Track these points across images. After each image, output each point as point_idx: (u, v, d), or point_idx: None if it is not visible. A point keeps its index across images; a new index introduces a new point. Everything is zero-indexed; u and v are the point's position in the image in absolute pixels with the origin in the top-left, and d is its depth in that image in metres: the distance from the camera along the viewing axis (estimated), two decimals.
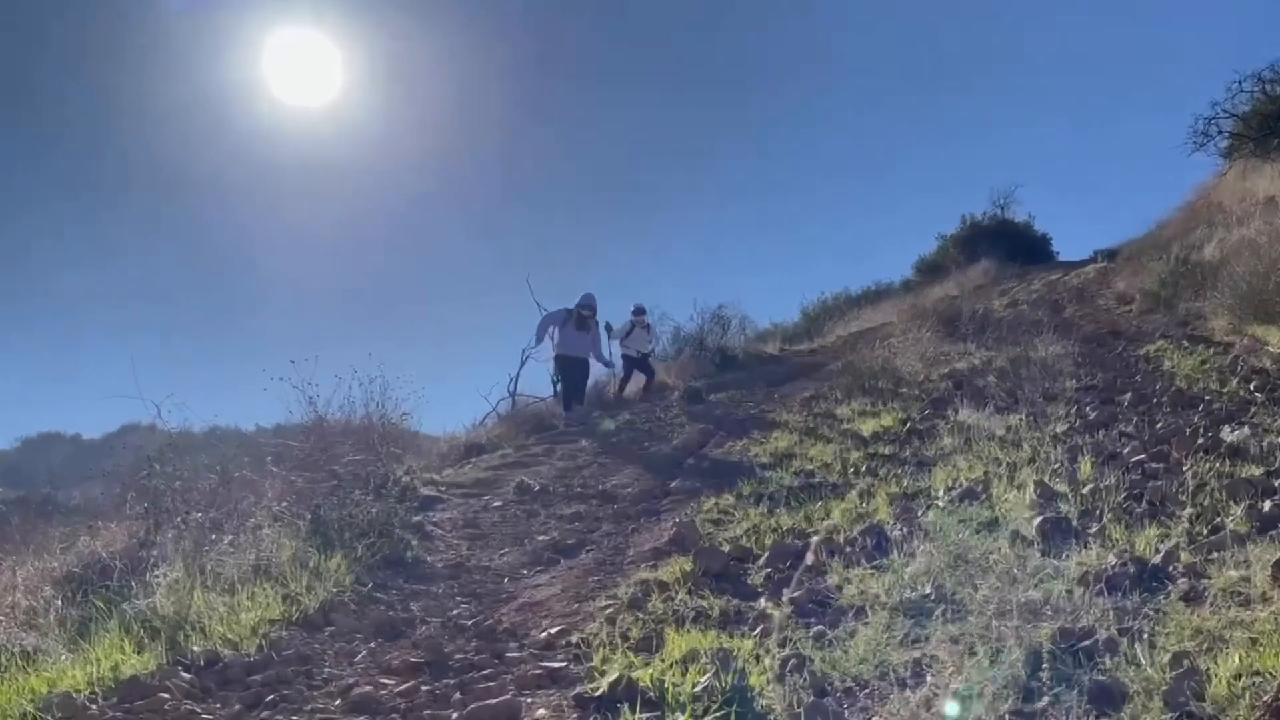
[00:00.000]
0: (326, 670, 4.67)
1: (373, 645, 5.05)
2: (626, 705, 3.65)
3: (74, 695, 4.18)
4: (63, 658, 4.77)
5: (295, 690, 4.37)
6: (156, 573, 5.84)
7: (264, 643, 4.98)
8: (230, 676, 4.54)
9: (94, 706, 4.10)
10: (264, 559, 6.29)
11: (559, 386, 15.67)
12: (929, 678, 3.64)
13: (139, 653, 4.74)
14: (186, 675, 4.48)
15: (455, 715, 3.87)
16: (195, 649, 4.79)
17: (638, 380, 17.06)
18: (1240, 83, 24.84)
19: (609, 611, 5.04)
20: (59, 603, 5.61)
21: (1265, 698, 2.98)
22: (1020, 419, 8.42)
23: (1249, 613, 3.69)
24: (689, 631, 4.48)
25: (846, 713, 3.50)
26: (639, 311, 16.77)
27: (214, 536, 6.45)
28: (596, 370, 16.38)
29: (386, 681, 4.39)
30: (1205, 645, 3.48)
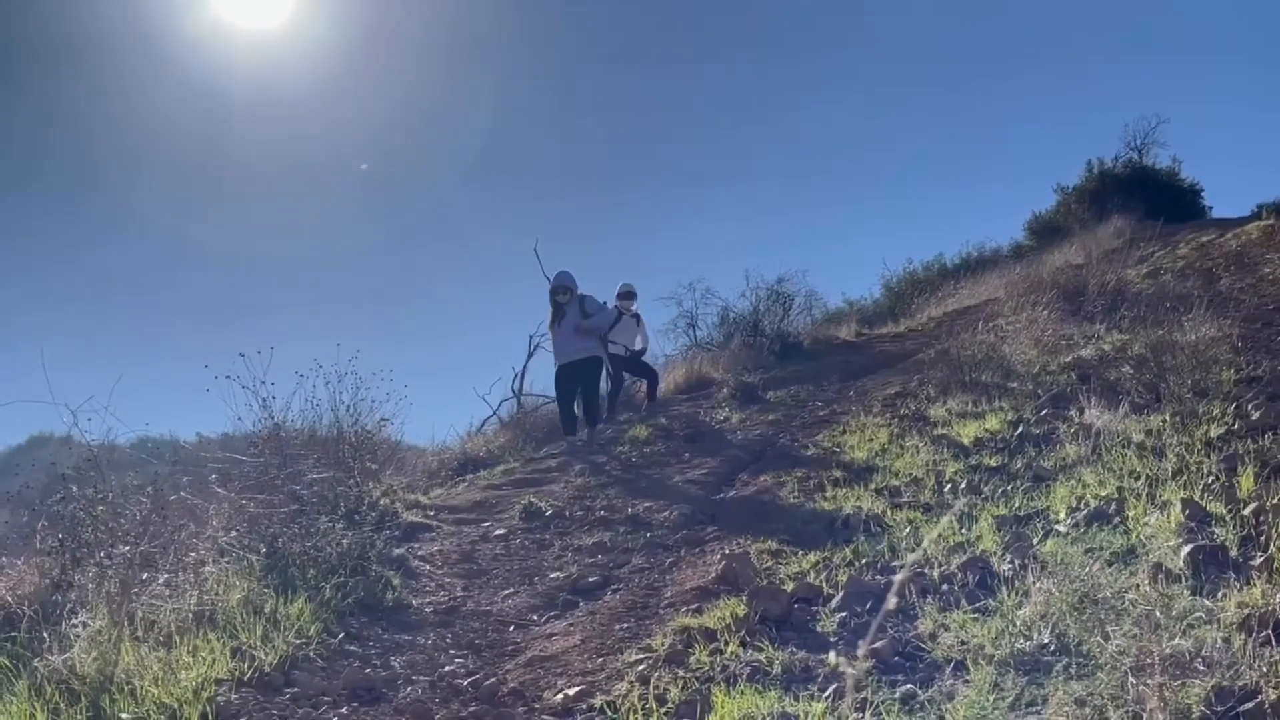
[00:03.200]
0: None
1: (345, 711, 5.09)
2: None
3: None
4: None
5: None
6: (74, 621, 5.89)
7: (209, 708, 5.00)
8: None
9: None
10: (208, 604, 6.34)
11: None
12: None
13: None
14: None
15: None
16: (124, 716, 4.84)
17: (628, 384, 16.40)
18: None
19: (641, 668, 5.05)
20: None
21: None
22: (1163, 420, 8.35)
23: None
24: (742, 692, 4.48)
25: None
26: (626, 295, 15.75)
27: (145, 576, 6.49)
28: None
29: None
30: None
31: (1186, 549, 5.15)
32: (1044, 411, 9.88)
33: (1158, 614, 4.42)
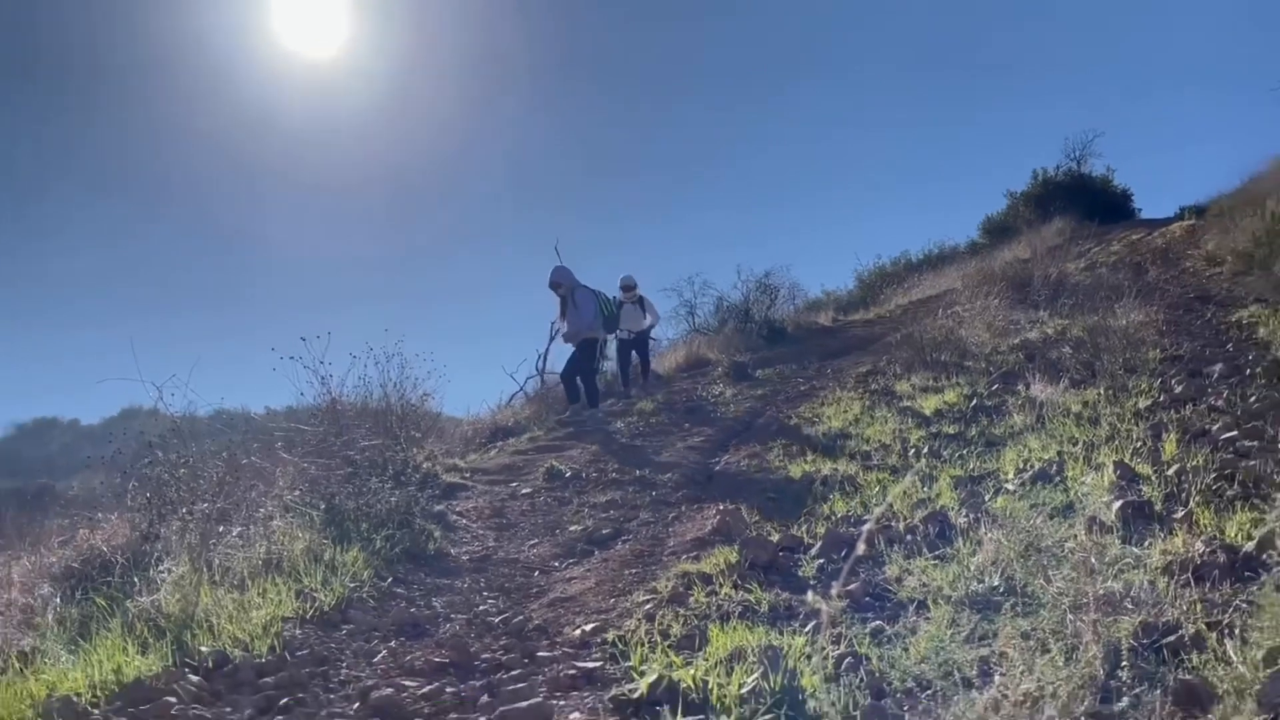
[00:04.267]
0: (344, 671, 4.72)
1: (393, 644, 5.10)
2: (667, 708, 3.65)
3: (74, 699, 4.24)
4: (62, 659, 4.85)
5: (311, 693, 4.42)
6: (160, 568, 5.91)
7: (277, 642, 5.02)
8: (241, 679, 4.60)
9: (96, 711, 4.16)
10: (275, 552, 6.35)
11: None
12: (997, 677, 3.62)
13: (143, 654, 4.81)
14: (194, 678, 4.53)
15: (483, 719, 3.90)
16: (203, 649, 4.85)
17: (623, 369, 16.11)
18: None
19: (647, 607, 5.05)
20: (57, 601, 5.70)
21: None
22: (1098, 393, 8.33)
23: None
24: (734, 628, 4.48)
25: (906, 716, 3.49)
26: (626, 287, 15.51)
27: (221, 529, 6.51)
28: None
29: (408, 683, 4.42)
30: None
31: (1118, 504, 5.15)
32: (995, 386, 9.87)
33: (1093, 560, 4.43)
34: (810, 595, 4.90)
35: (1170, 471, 5.72)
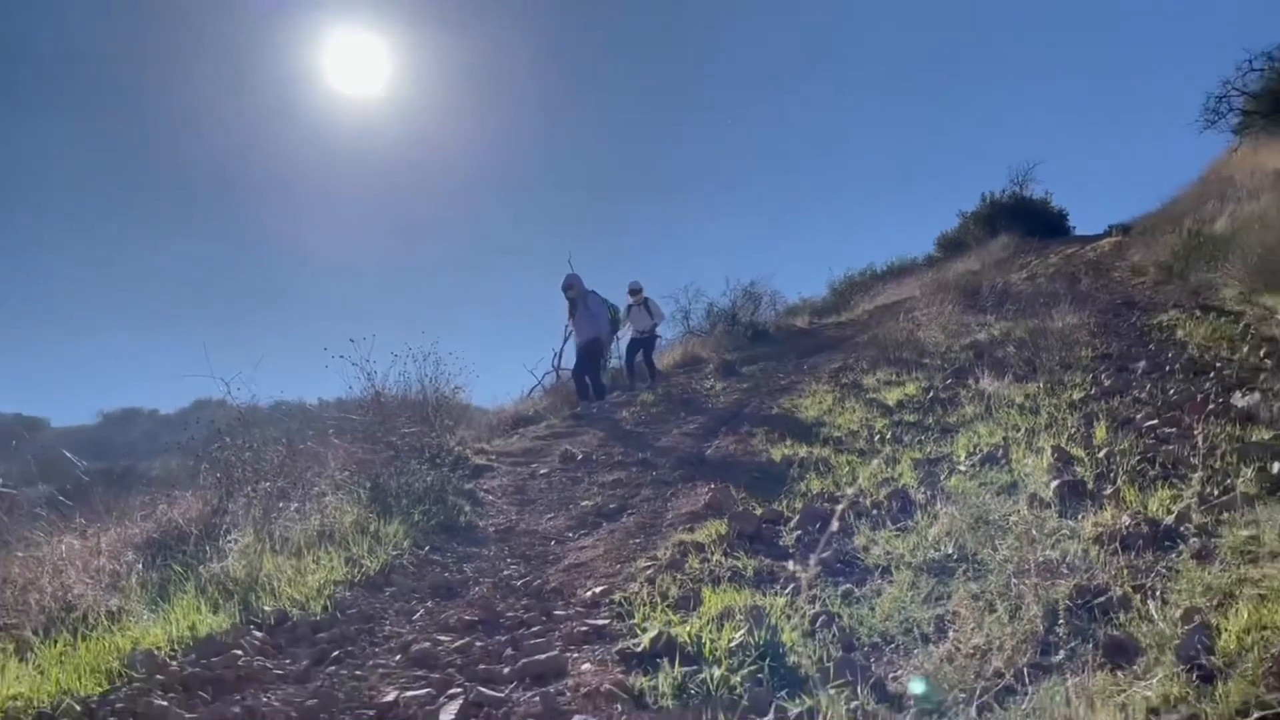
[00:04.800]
0: (387, 628, 4.73)
1: (430, 604, 5.10)
2: (666, 660, 3.67)
3: (155, 652, 4.26)
4: (144, 617, 4.85)
5: (359, 647, 4.43)
6: (229, 538, 5.93)
7: (329, 603, 5.04)
8: (298, 634, 4.61)
9: (173, 663, 4.18)
10: (328, 525, 6.37)
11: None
12: (951, 633, 3.63)
13: (214, 612, 4.82)
14: (258, 633, 4.55)
15: (507, 669, 3.91)
16: (266, 609, 4.87)
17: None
18: (1251, 60, 24.44)
19: (649, 572, 5.06)
20: (140, 566, 5.71)
21: (1274, 651, 2.94)
22: (1038, 387, 8.33)
23: (1258, 570, 3.63)
24: (724, 590, 4.49)
25: (873, 666, 3.50)
26: (633, 291, 15.19)
27: (281, 504, 6.53)
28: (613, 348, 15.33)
29: (443, 638, 4.43)
30: (1216, 601, 3.43)
31: (1055, 483, 5.15)
32: (949, 381, 9.86)
33: (1033, 531, 4.43)
34: (790, 562, 4.91)
35: (1100, 454, 5.72)
